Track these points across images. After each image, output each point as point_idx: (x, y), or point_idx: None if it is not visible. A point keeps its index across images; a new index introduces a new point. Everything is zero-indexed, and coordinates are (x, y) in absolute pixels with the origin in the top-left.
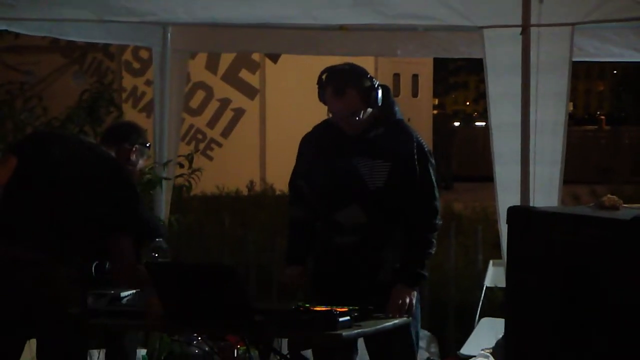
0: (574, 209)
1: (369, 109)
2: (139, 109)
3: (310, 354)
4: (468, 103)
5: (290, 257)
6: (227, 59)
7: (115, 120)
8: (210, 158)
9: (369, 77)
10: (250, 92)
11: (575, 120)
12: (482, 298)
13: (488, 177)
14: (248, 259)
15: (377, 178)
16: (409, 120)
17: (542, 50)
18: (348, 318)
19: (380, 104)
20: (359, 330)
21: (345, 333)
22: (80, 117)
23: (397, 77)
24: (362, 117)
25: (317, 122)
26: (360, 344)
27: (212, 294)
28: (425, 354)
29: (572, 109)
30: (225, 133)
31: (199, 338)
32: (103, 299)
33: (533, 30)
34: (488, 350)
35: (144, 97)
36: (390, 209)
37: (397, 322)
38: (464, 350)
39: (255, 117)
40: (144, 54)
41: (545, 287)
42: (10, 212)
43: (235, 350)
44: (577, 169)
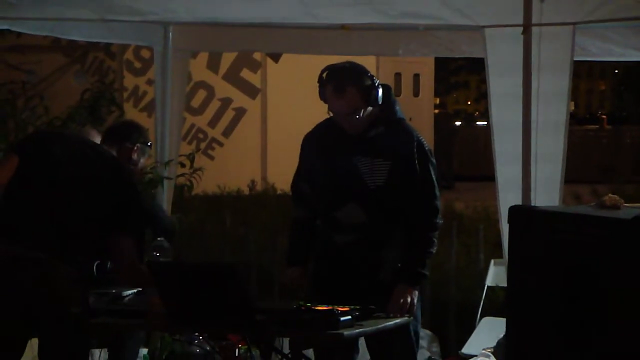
0: (575, 209)
1: (370, 108)
2: (140, 109)
3: (312, 354)
4: (469, 102)
5: (291, 258)
6: (228, 59)
7: (117, 120)
8: (212, 157)
9: (370, 75)
10: (252, 91)
11: (577, 120)
12: (483, 297)
13: (489, 176)
14: (249, 259)
15: (377, 177)
16: (410, 120)
17: (543, 50)
18: (349, 317)
19: (381, 103)
20: (360, 330)
21: (347, 332)
22: (82, 116)
23: (398, 76)
24: (362, 115)
25: (318, 121)
26: (361, 344)
27: (213, 293)
28: (427, 354)
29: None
30: (227, 132)
31: (201, 337)
32: (104, 298)
33: (534, 30)
34: (489, 350)
35: (145, 96)
36: (391, 208)
37: (398, 321)
38: (465, 350)
39: (257, 116)
40: (145, 54)
41: (547, 286)
42: (12, 211)
43: (237, 350)
44: (578, 169)
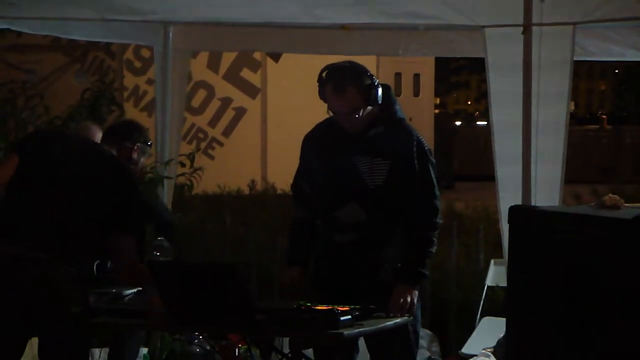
0: (576, 209)
1: (369, 107)
2: (141, 108)
3: (312, 354)
4: (469, 102)
5: (291, 258)
6: (228, 58)
7: (117, 119)
8: (212, 157)
9: (369, 74)
10: (252, 91)
11: (577, 120)
12: (483, 297)
13: (489, 176)
14: (249, 258)
15: (376, 176)
16: (411, 120)
17: (543, 50)
18: (349, 317)
19: (381, 103)
20: (361, 330)
21: (347, 332)
22: (82, 115)
23: (398, 76)
24: (362, 115)
25: (318, 121)
26: (361, 343)
27: (213, 293)
28: (427, 353)
29: (573, 108)
30: (227, 132)
31: (201, 337)
32: (105, 298)
33: (535, 30)
34: (489, 350)
35: (146, 96)
36: (390, 208)
37: (398, 321)
38: (465, 350)
39: (257, 116)
40: (146, 53)
41: (547, 286)
42: (12, 211)
43: (237, 349)
44: (578, 169)
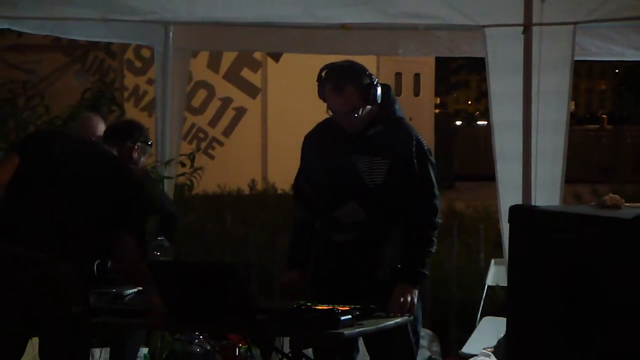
0: (576, 208)
1: (368, 106)
2: (141, 108)
3: (312, 353)
4: (470, 102)
5: (292, 259)
6: (228, 58)
7: (117, 119)
8: (212, 157)
9: (368, 74)
10: (252, 91)
11: (577, 120)
12: (483, 297)
13: (490, 176)
14: (249, 258)
15: (375, 175)
16: (411, 120)
17: (544, 49)
18: (350, 317)
19: (380, 102)
20: (361, 329)
21: (347, 332)
22: None
23: (398, 76)
24: (361, 114)
25: (318, 121)
26: (361, 343)
27: (214, 293)
28: (427, 353)
29: (573, 108)
30: (227, 132)
31: (201, 337)
32: (105, 298)
33: (535, 29)
34: (490, 349)
35: (146, 96)
36: (390, 207)
37: (398, 320)
38: (466, 349)
39: (257, 116)
40: (146, 53)
41: (547, 286)
42: (12, 211)
43: (237, 349)
44: (578, 168)
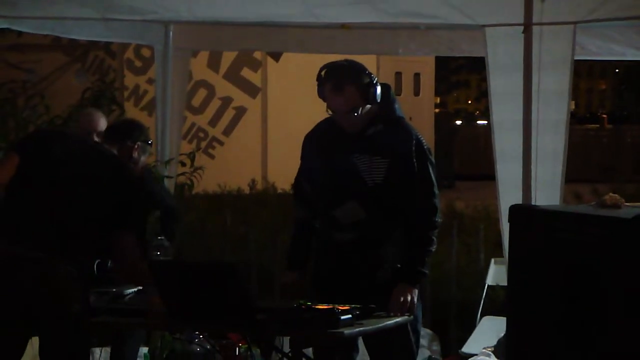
0: (576, 208)
1: (368, 106)
2: (141, 108)
3: (312, 353)
4: (470, 101)
5: (292, 260)
6: (229, 58)
7: (118, 119)
8: (212, 156)
9: (368, 73)
10: (252, 90)
11: (577, 119)
12: (483, 296)
13: (490, 175)
14: (250, 258)
15: (375, 175)
16: (411, 119)
17: (544, 49)
18: (350, 316)
19: (380, 101)
20: (361, 329)
21: (347, 331)
22: None
23: (399, 75)
24: (360, 113)
25: (318, 120)
26: (361, 343)
27: (214, 292)
28: (427, 352)
29: (574, 108)
30: (227, 131)
31: (201, 336)
32: (105, 297)
33: (535, 29)
34: (490, 349)
35: (146, 95)
36: (390, 206)
37: (398, 320)
38: (466, 349)
39: (257, 115)
40: (146, 53)
41: (547, 285)
42: (12, 210)
43: (237, 349)
44: (579, 168)
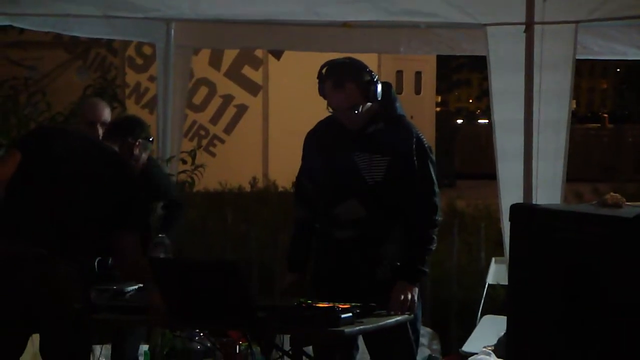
0: (577, 207)
1: (369, 103)
2: (142, 105)
3: (312, 351)
4: (471, 100)
5: (292, 261)
6: (230, 55)
7: (119, 116)
8: (213, 154)
9: (369, 71)
10: (253, 88)
11: (578, 118)
12: (484, 295)
13: (491, 174)
14: (250, 256)
15: (375, 173)
16: (412, 118)
17: (545, 48)
18: (350, 314)
19: (381, 100)
20: (361, 327)
21: (348, 329)
22: None
23: (400, 74)
24: (361, 111)
25: (319, 118)
26: (361, 342)
27: (214, 290)
28: (427, 351)
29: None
30: (228, 129)
31: (201, 334)
32: (106, 295)
33: (537, 28)
34: (490, 348)
35: (147, 93)
36: (390, 205)
37: (399, 318)
38: (466, 348)
39: (258, 113)
40: (148, 50)
41: (548, 284)
42: (13, 208)
43: (237, 346)
44: (579, 167)
